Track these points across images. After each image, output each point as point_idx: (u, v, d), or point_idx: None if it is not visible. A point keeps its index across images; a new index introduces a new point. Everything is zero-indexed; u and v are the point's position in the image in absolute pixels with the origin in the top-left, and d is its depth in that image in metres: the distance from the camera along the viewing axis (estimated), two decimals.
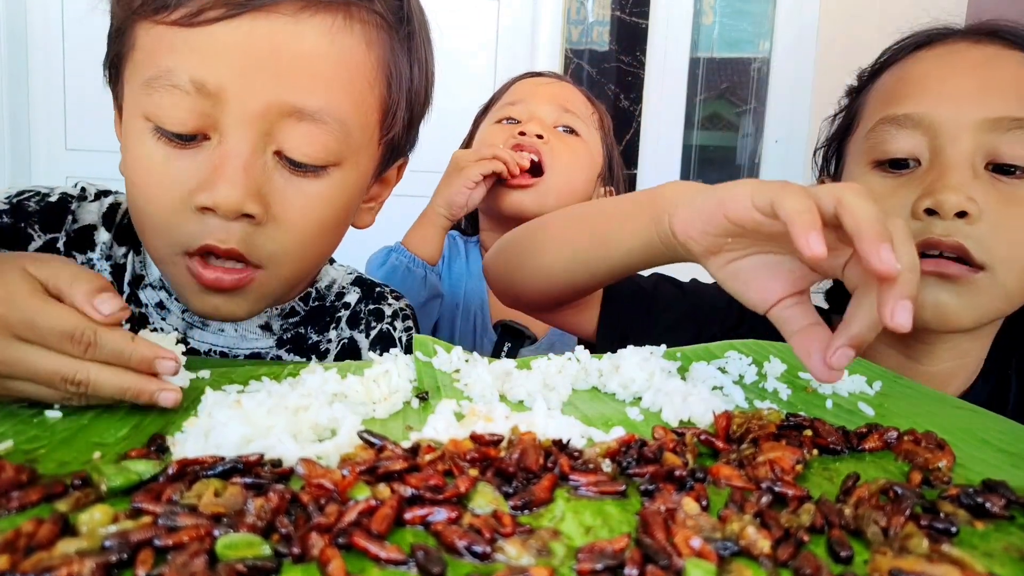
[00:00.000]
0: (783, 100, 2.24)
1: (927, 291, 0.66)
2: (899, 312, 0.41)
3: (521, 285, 0.76)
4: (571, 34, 2.15)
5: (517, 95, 1.13)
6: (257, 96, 0.55)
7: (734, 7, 2.25)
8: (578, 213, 0.73)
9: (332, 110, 0.58)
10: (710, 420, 0.47)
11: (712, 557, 0.29)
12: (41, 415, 0.43)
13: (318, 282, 0.77)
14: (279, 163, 0.58)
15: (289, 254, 0.61)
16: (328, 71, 0.58)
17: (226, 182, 0.55)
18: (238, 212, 0.56)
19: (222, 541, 0.28)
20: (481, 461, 0.37)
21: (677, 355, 0.63)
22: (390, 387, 0.49)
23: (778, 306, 0.51)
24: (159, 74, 0.55)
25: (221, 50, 0.55)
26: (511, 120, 1.09)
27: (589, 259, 0.67)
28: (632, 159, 2.20)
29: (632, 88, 2.18)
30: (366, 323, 0.77)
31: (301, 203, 0.60)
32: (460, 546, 0.29)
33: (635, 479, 0.37)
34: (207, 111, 0.55)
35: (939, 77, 0.69)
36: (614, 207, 0.68)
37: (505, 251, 0.78)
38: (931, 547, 0.30)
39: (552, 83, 1.15)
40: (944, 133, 0.67)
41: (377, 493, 0.32)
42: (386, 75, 0.62)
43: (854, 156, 0.75)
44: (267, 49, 0.55)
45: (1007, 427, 0.49)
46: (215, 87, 0.55)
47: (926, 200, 0.65)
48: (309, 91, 0.57)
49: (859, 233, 0.42)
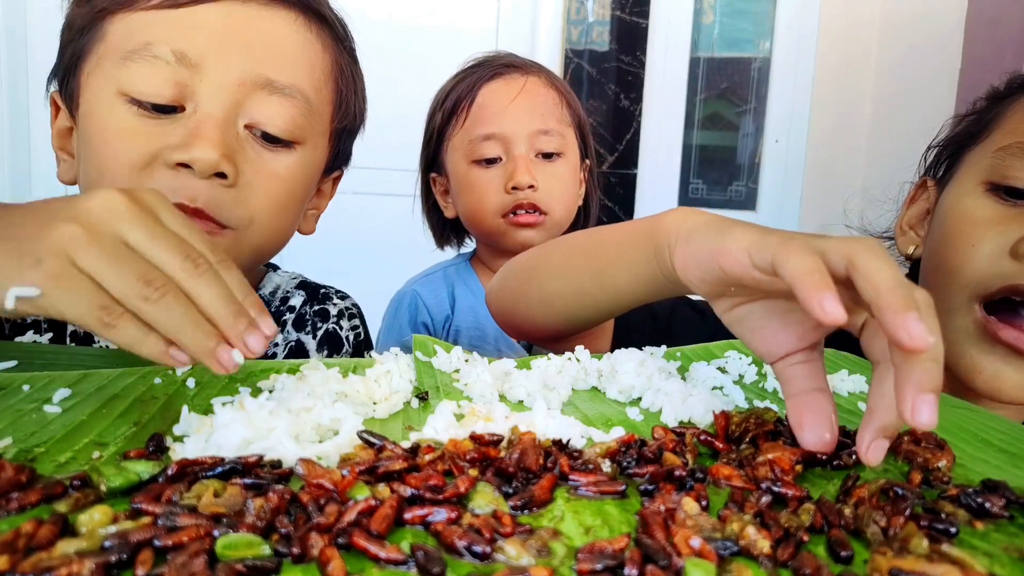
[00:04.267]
0: (783, 100, 2.24)
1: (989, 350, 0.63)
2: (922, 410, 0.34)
3: (524, 318, 0.72)
4: (571, 34, 2.15)
5: (487, 115, 1.05)
6: (233, 67, 0.61)
7: (734, 7, 2.25)
8: (579, 245, 0.66)
9: (299, 86, 0.64)
10: (710, 420, 0.47)
11: (712, 557, 0.29)
12: (40, 411, 0.43)
13: (262, 288, 0.80)
14: (250, 136, 0.63)
15: (255, 220, 0.65)
16: (295, 54, 0.65)
17: (203, 140, 0.59)
18: (214, 169, 0.60)
19: (222, 541, 0.28)
20: (481, 461, 0.37)
21: (677, 355, 0.63)
22: (391, 387, 0.49)
23: (784, 361, 0.44)
24: (138, 48, 0.59)
25: (202, 25, 0.60)
26: (489, 161, 1.04)
27: (591, 293, 0.63)
28: (632, 159, 2.20)
29: (632, 88, 2.18)
30: (312, 324, 0.80)
31: (269, 172, 0.65)
32: (460, 546, 0.29)
33: (635, 479, 0.37)
34: (185, 81, 0.60)
35: None
36: (614, 238, 0.62)
37: (506, 284, 0.74)
38: (931, 547, 0.30)
39: (519, 91, 1.06)
40: None
41: (377, 493, 0.32)
42: (336, 77, 0.70)
43: (972, 168, 0.68)
44: (243, 28, 0.61)
45: (1007, 427, 0.49)
46: (196, 57, 0.59)
47: None
48: (279, 68, 0.63)
49: (879, 302, 0.35)
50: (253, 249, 0.68)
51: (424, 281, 1.16)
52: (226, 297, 0.40)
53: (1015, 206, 0.63)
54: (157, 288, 0.38)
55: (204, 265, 0.40)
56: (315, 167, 0.70)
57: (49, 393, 0.45)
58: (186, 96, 0.60)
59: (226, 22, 0.61)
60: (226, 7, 0.61)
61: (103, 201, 0.41)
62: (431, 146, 1.13)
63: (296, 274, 0.86)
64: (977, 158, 0.68)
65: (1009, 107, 0.69)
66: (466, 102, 1.07)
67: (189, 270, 0.40)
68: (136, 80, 0.59)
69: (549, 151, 1.05)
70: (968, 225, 0.65)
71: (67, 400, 0.44)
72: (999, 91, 0.72)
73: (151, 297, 0.38)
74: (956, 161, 0.72)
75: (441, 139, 1.10)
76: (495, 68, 1.08)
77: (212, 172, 0.60)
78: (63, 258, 0.39)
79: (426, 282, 1.16)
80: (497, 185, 1.04)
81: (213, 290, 0.40)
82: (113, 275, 0.39)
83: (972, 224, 0.65)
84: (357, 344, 0.83)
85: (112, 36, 0.61)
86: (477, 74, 1.08)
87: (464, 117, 1.06)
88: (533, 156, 1.05)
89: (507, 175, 1.03)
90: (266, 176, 0.64)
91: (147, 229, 0.40)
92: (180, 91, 0.59)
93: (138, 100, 0.59)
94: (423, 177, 1.17)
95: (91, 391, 0.46)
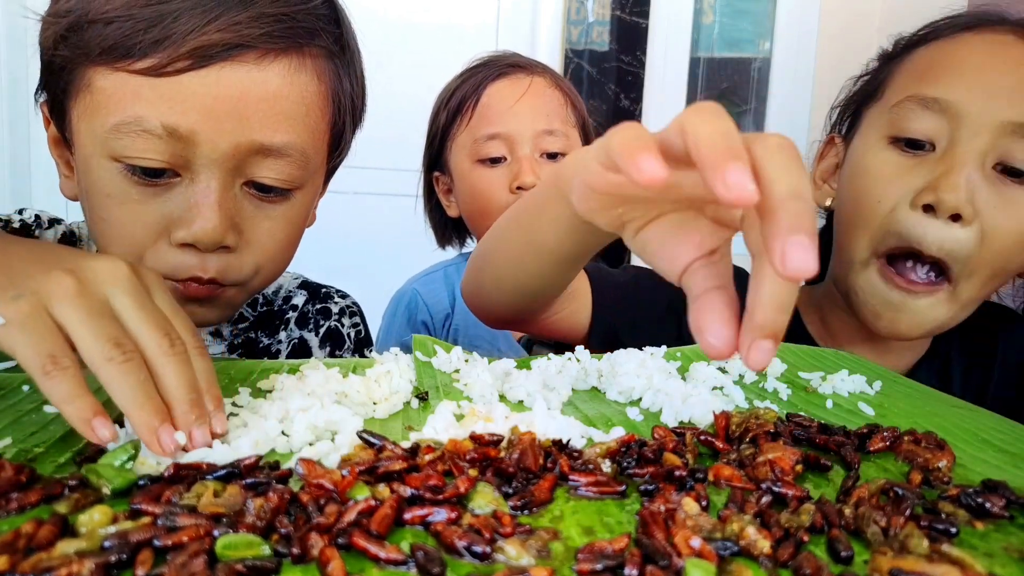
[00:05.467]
0: (783, 100, 2.24)
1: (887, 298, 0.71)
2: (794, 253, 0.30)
3: (487, 305, 0.72)
4: (571, 34, 2.15)
5: (492, 115, 1.06)
6: (227, 138, 0.59)
7: (734, 7, 2.25)
8: (511, 216, 0.64)
9: (295, 143, 0.62)
10: (710, 420, 0.47)
11: (712, 557, 0.29)
12: (40, 411, 0.43)
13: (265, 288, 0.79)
14: (247, 192, 0.63)
15: (259, 273, 0.66)
16: (290, 109, 0.62)
17: (203, 219, 0.59)
18: (218, 244, 0.61)
19: (222, 541, 0.28)
20: (481, 461, 0.37)
21: (677, 355, 0.63)
22: (391, 387, 0.49)
23: (687, 272, 0.40)
24: (128, 120, 0.57)
25: (191, 97, 0.57)
26: (494, 160, 1.05)
27: (528, 261, 0.62)
28: None
29: (632, 88, 2.18)
30: (314, 322, 0.82)
31: (269, 226, 0.65)
32: (460, 546, 0.29)
33: (635, 479, 0.37)
34: (178, 152, 0.58)
35: (977, 66, 0.68)
36: (533, 198, 0.59)
37: (468, 277, 0.74)
38: (931, 547, 0.30)
39: (525, 91, 1.06)
40: (966, 126, 0.67)
41: (377, 493, 0.32)
42: (334, 101, 0.68)
43: (873, 124, 0.74)
44: (235, 95, 0.58)
45: (1007, 427, 0.49)
46: (187, 131, 0.57)
47: (928, 195, 0.66)
48: (274, 130, 0.61)
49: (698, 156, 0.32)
50: (255, 290, 0.70)
51: (424, 280, 1.17)
52: (189, 384, 0.39)
53: (915, 156, 0.69)
54: (124, 352, 0.38)
55: (179, 347, 0.40)
56: (312, 200, 0.70)
57: None
58: (181, 165, 0.59)
59: (215, 91, 0.58)
60: (215, 72, 0.58)
61: (107, 265, 0.41)
62: (435, 145, 1.13)
63: (297, 274, 0.87)
64: (876, 115, 0.74)
65: (898, 66, 0.75)
66: (471, 101, 1.07)
67: (164, 348, 0.39)
68: (128, 152, 0.58)
69: (553, 151, 1.06)
70: (872, 180, 0.71)
71: None
72: (888, 52, 0.79)
73: (116, 359, 0.38)
74: (858, 118, 0.79)
75: (445, 138, 1.11)
76: (500, 68, 1.08)
77: (216, 247, 0.61)
78: (40, 302, 0.39)
79: (426, 281, 1.16)
80: (501, 185, 1.04)
81: (179, 373, 0.39)
82: (88, 330, 0.38)
83: (875, 179, 0.71)
84: (358, 341, 0.84)
85: (99, 92, 0.59)
86: (482, 74, 1.08)
87: (469, 117, 1.07)
88: (537, 156, 1.05)
89: (512, 175, 1.04)
90: (266, 231, 0.64)
91: (136, 299, 0.41)
92: (174, 161, 0.58)
93: (132, 167, 0.58)
94: (426, 176, 1.17)
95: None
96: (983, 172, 0.67)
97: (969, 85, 0.67)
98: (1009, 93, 0.66)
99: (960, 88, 0.67)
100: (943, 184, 0.66)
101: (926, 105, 0.68)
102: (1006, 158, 0.67)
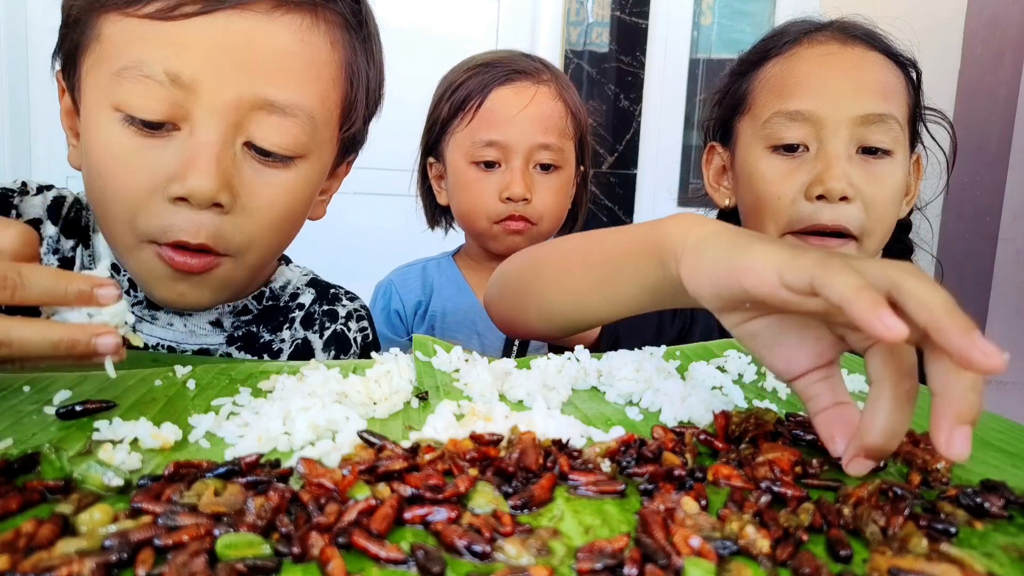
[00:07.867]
0: None
1: None
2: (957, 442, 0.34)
3: (524, 324, 0.73)
4: (571, 35, 2.15)
5: (493, 121, 1.07)
6: (230, 88, 0.57)
7: (733, 8, 2.25)
8: (577, 254, 0.66)
9: (301, 103, 0.60)
10: (709, 420, 0.47)
11: (711, 556, 0.29)
12: (40, 412, 0.43)
13: (272, 282, 0.78)
14: (248, 154, 0.61)
15: (255, 243, 0.64)
16: (298, 67, 0.60)
17: (199, 172, 0.57)
18: (211, 201, 0.58)
19: (222, 540, 0.28)
20: (481, 461, 0.37)
21: (676, 355, 0.63)
22: (391, 387, 0.49)
23: (803, 379, 0.43)
24: (130, 64, 0.56)
25: (196, 43, 0.56)
26: (488, 165, 1.06)
27: (593, 304, 0.62)
28: (632, 159, 2.20)
29: (632, 88, 2.18)
30: (320, 324, 0.79)
31: (269, 193, 0.62)
32: (460, 545, 0.29)
33: (634, 479, 0.37)
34: (179, 101, 0.57)
35: (821, 77, 0.85)
36: (615, 246, 0.60)
37: (504, 291, 0.74)
38: (930, 547, 0.30)
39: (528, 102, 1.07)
40: (827, 127, 0.82)
41: (377, 493, 0.32)
42: (348, 74, 0.66)
43: (750, 138, 0.89)
44: (241, 44, 0.57)
45: (1007, 427, 0.49)
46: (189, 79, 0.56)
47: (817, 187, 0.81)
48: (280, 85, 0.59)
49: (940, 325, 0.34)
50: (249, 270, 0.67)
51: (401, 272, 1.19)
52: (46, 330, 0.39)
53: (795, 158, 0.85)
54: None
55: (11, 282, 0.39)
56: (317, 176, 0.68)
57: (50, 394, 0.45)
58: (181, 116, 0.57)
59: (221, 39, 0.56)
60: (222, 19, 0.56)
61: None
62: (433, 132, 1.14)
63: (308, 270, 0.84)
64: (752, 129, 0.89)
65: (754, 80, 0.90)
66: (475, 102, 1.08)
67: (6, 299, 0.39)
68: (129, 99, 0.57)
69: (547, 163, 1.07)
70: (768, 183, 0.86)
71: (67, 401, 0.44)
72: (738, 70, 0.93)
73: None
74: (730, 129, 0.94)
75: (444, 130, 1.12)
76: (508, 72, 1.09)
77: (209, 204, 0.58)
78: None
79: (402, 272, 1.19)
80: (492, 191, 1.06)
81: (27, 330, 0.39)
82: None
83: (771, 181, 0.86)
84: (365, 346, 0.82)
85: (107, 40, 0.58)
86: (490, 74, 1.08)
87: (471, 117, 1.08)
88: (531, 167, 1.07)
89: (503, 184, 1.05)
90: (265, 198, 0.62)
91: None
92: (174, 111, 0.57)
93: (132, 117, 0.57)
94: (421, 159, 1.18)
95: (91, 393, 0.46)
96: (851, 158, 0.82)
97: (819, 95, 0.83)
98: (850, 94, 0.83)
99: (813, 99, 0.83)
100: (827, 177, 0.80)
101: (792, 118, 0.84)
102: (863, 142, 0.83)
